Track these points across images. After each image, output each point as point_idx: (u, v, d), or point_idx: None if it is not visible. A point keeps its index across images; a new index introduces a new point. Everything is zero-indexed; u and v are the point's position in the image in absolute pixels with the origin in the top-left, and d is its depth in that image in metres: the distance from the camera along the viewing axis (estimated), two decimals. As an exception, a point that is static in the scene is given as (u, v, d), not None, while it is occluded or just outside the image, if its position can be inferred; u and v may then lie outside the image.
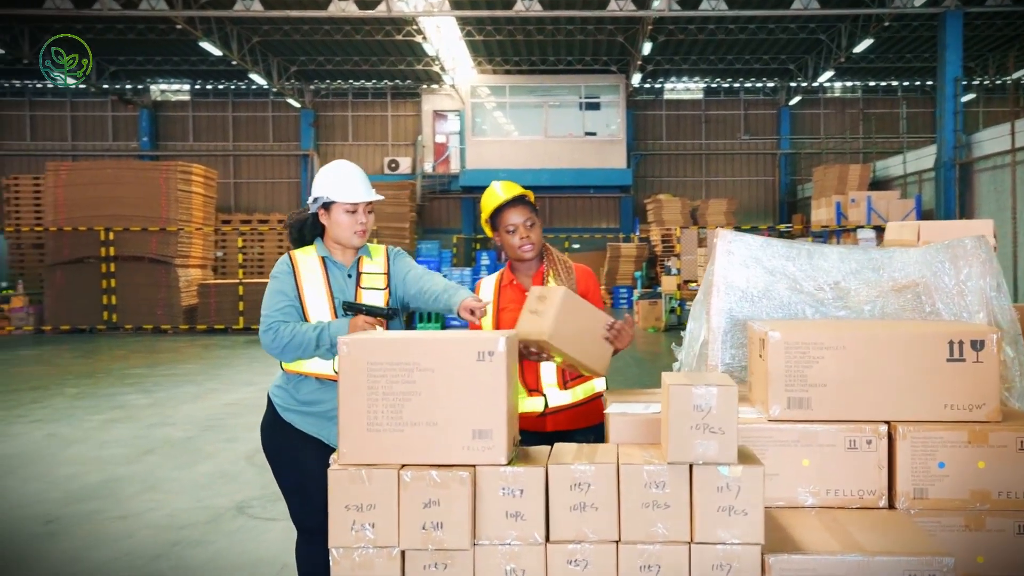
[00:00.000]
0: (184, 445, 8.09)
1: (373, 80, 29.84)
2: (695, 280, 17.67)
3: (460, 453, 2.38)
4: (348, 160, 3.47)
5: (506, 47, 25.90)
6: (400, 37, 23.61)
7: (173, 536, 5.41)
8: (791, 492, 2.69)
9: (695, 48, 25.90)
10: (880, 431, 2.67)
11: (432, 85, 29.73)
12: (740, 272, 3.33)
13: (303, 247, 3.42)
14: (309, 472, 3.22)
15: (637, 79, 27.60)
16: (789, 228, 23.94)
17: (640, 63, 25.41)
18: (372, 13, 20.18)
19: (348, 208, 3.30)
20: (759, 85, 30.23)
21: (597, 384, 3.51)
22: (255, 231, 22.34)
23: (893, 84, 29.91)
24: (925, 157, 21.26)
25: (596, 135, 28.46)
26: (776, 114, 30.46)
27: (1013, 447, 2.63)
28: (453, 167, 29.87)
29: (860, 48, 22.68)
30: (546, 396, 3.42)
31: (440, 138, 30.51)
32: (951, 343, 2.70)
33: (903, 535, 2.43)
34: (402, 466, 2.38)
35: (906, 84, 29.82)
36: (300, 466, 3.28)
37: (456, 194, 29.38)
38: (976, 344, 2.69)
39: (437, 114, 30.31)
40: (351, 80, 29.83)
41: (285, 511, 3.86)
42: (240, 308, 18.96)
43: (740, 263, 3.33)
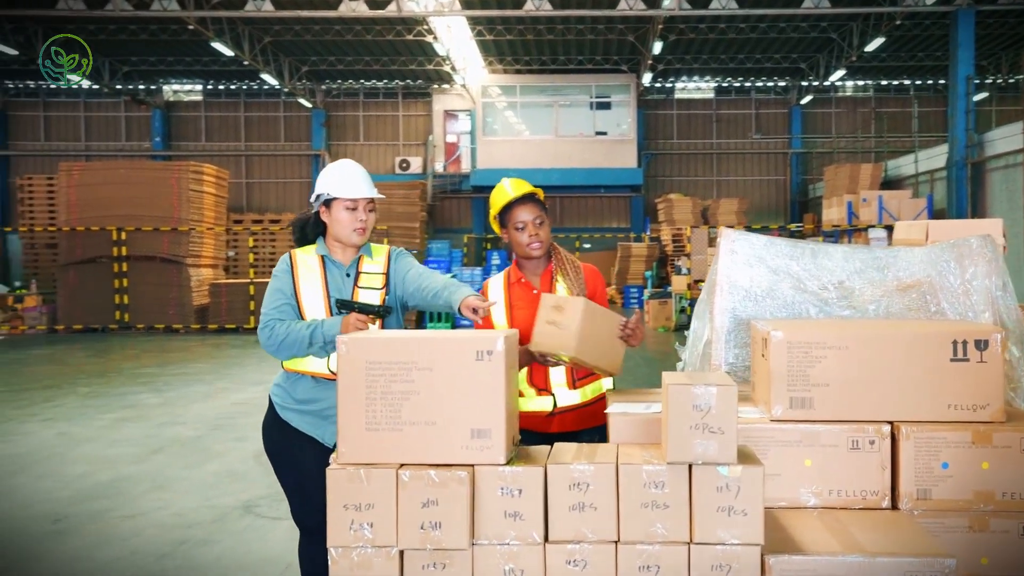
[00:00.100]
0: (193, 444, 8.12)
1: (384, 80, 29.88)
2: (705, 280, 17.61)
3: (459, 453, 2.37)
4: (360, 160, 3.48)
5: (517, 47, 25.88)
6: (411, 37, 23.64)
7: (180, 535, 5.42)
8: (793, 493, 2.67)
9: (706, 47, 25.82)
10: (883, 431, 2.65)
11: (443, 85, 29.74)
12: (744, 271, 3.32)
13: (305, 246, 3.44)
14: (307, 471, 3.22)
15: (648, 78, 27.54)
16: (800, 227, 23.86)
17: (651, 62, 25.35)
18: (382, 13, 20.20)
19: (348, 205, 3.31)
20: (770, 84, 30.12)
21: (605, 383, 3.48)
22: (266, 231, 22.40)
23: (905, 83, 29.75)
24: (937, 156, 21.14)
25: (607, 135, 28.43)
26: (787, 113, 30.34)
27: (1017, 448, 2.61)
28: (464, 167, 29.88)
29: (872, 47, 22.56)
30: (555, 396, 3.39)
31: (451, 138, 30.53)
32: (955, 343, 2.68)
33: (905, 536, 2.42)
34: (401, 465, 2.37)
35: (918, 83, 29.66)
36: (299, 465, 3.28)
37: (467, 194, 29.38)
38: (980, 344, 2.67)
39: (448, 114, 30.33)
40: (362, 80, 29.87)
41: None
42: (251, 308, 19.00)
43: (744, 262, 3.32)
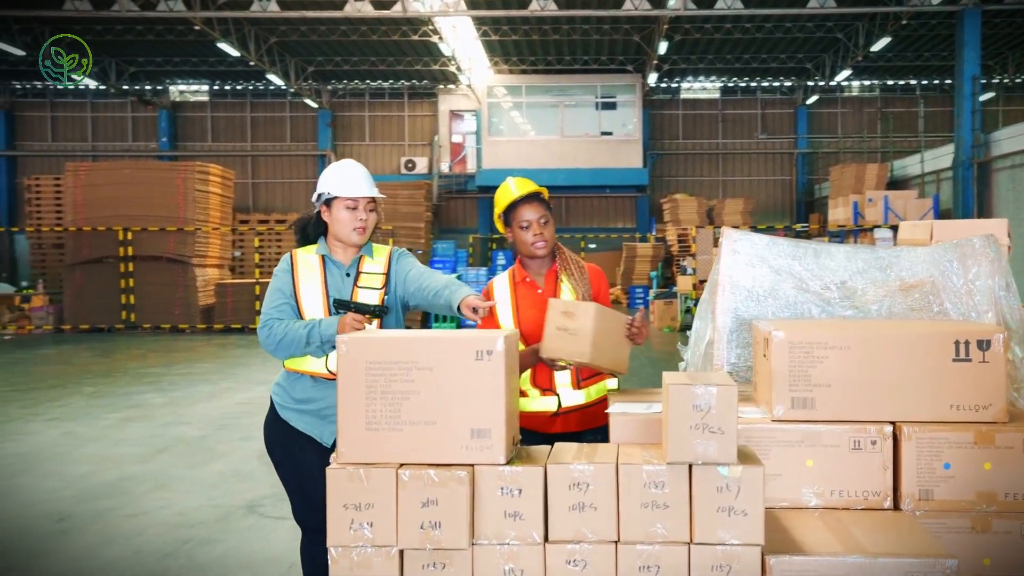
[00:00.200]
0: (198, 444, 8.13)
1: (390, 80, 29.89)
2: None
3: (458, 452, 2.37)
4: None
5: (522, 47, 25.88)
6: (416, 37, 23.65)
7: (183, 534, 5.43)
8: (795, 493, 2.66)
9: (711, 47, 25.78)
10: (885, 431, 2.64)
11: (448, 85, 29.74)
12: (746, 271, 3.31)
13: (307, 246, 3.44)
14: (307, 471, 3.23)
15: (653, 78, 27.51)
16: (806, 228, 23.80)
17: (656, 62, 25.33)
18: (388, 13, 20.22)
19: (348, 204, 3.32)
20: (776, 84, 30.06)
21: (609, 384, 3.47)
22: (272, 231, 22.42)
23: (911, 83, 29.67)
24: (943, 156, 21.08)
25: (612, 135, 28.41)
26: (793, 113, 30.29)
27: (1020, 448, 2.60)
28: (469, 167, 29.89)
29: (878, 47, 22.51)
30: (559, 396, 3.38)
31: (456, 138, 30.54)
32: (957, 343, 2.67)
33: (907, 537, 2.41)
34: (400, 465, 2.37)
35: (924, 83, 29.57)
36: (298, 465, 3.29)
37: (472, 194, 29.37)
38: (982, 344, 2.66)
39: (453, 114, 30.33)
40: (368, 80, 29.88)
41: (293, 510, 3.87)
42: (257, 308, 19.01)
43: (746, 262, 3.31)
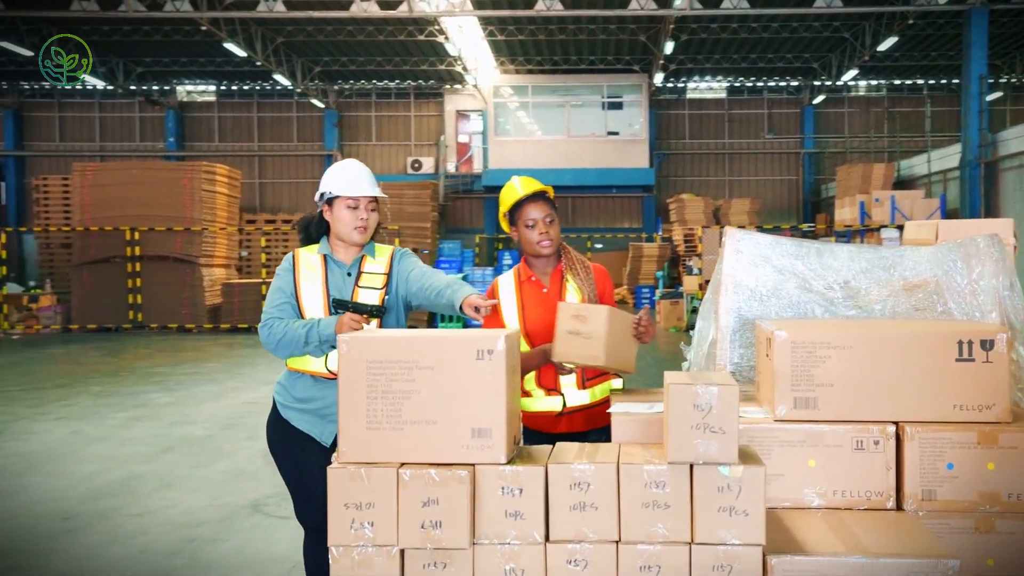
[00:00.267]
0: (203, 443, 8.15)
1: (396, 80, 29.91)
2: (714, 280, 17.57)
3: (459, 452, 2.37)
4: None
5: (528, 47, 25.87)
6: (422, 37, 23.66)
7: (188, 533, 5.45)
8: (797, 493, 2.66)
9: (718, 47, 25.74)
10: (888, 431, 2.64)
11: (455, 85, 29.75)
12: (749, 271, 3.30)
13: (311, 245, 3.45)
14: (307, 470, 3.24)
15: (660, 78, 27.47)
16: (812, 228, 23.73)
17: (662, 62, 25.28)
18: (393, 13, 20.23)
19: (349, 203, 3.32)
20: (783, 84, 30.00)
21: (615, 383, 3.47)
22: (278, 231, 22.46)
23: (918, 82, 29.57)
24: (950, 156, 21.02)
25: (619, 135, 28.38)
26: (800, 113, 30.22)
27: (1023, 448, 2.59)
28: (476, 167, 29.88)
29: (884, 46, 22.44)
30: (564, 396, 3.38)
31: (463, 138, 30.54)
32: (960, 343, 2.66)
33: (909, 537, 2.40)
34: (401, 464, 2.37)
35: (931, 82, 29.48)
36: (299, 464, 3.29)
37: (479, 194, 29.37)
38: (986, 344, 2.65)
39: (460, 114, 30.34)
40: (374, 80, 29.90)
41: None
42: (263, 307, 19.04)
43: (749, 262, 3.30)
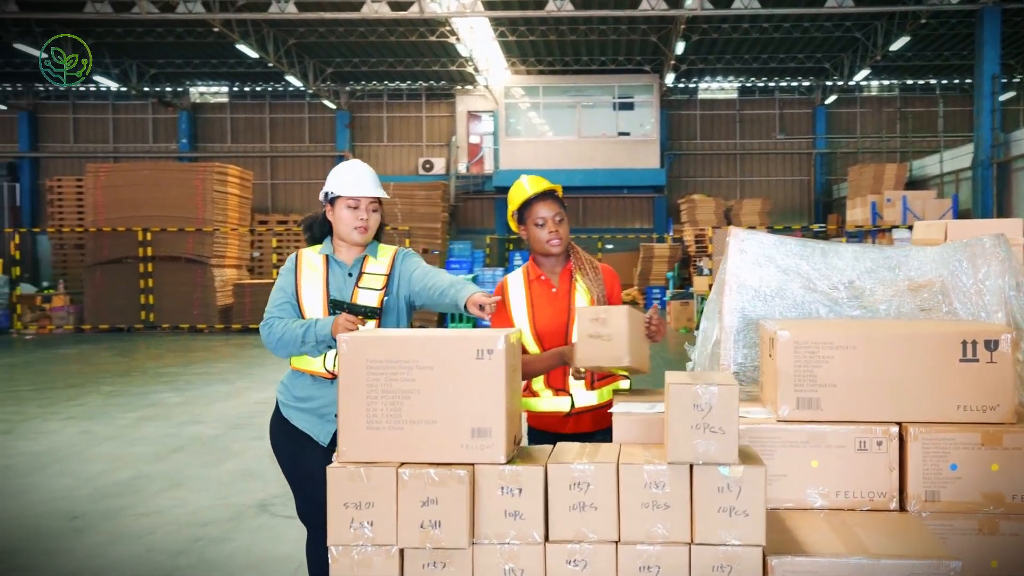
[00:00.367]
0: (212, 443, 8.18)
1: (408, 81, 29.95)
2: (723, 280, 17.50)
3: (459, 451, 2.36)
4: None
5: (539, 47, 25.87)
6: (434, 38, 23.69)
7: (195, 533, 5.46)
8: (800, 494, 2.64)
9: (729, 47, 25.69)
10: (891, 432, 2.62)
11: (466, 86, 29.77)
12: (753, 271, 3.28)
13: (315, 245, 3.46)
14: (308, 470, 3.25)
15: (671, 79, 27.43)
16: (823, 228, 23.65)
17: (674, 62, 25.25)
18: (405, 14, 20.26)
19: (350, 203, 3.33)
20: (794, 84, 29.90)
21: (623, 384, 3.46)
22: (290, 231, 22.53)
23: (931, 82, 29.43)
24: (962, 156, 20.90)
25: (630, 135, 28.35)
26: (812, 113, 30.12)
27: (1028, 449, 2.57)
28: (487, 168, 29.90)
29: (897, 46, 22.34)
30: (573, 396, 3.37)
31: (474, 139, 30.56)
32: (964, 343, 2.64)
33: (912, 538, 2.38)
34: (401, 464, 2.36)
35: (944, 82, 29.34)
36: (300, 463, 3.31)
37: (490, 194, 29.38)
38: (990, 344, 2.63)
39: (471, 115, 30.36)
40: (386, 81, 29.95)
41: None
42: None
43: (753, 262, 3.28)
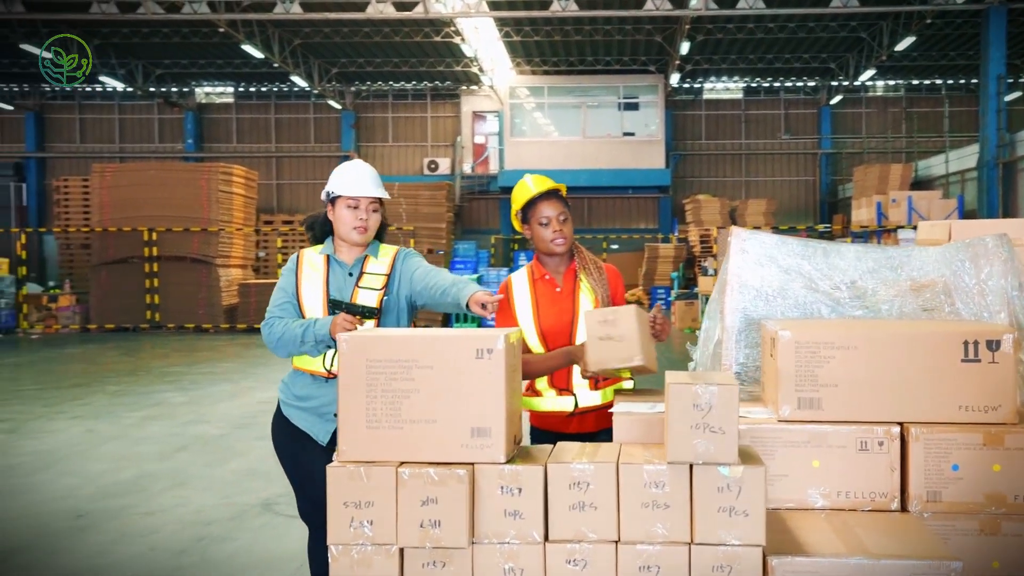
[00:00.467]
0: (217, 442, 8.19)
1: (413, 81, 29.96)
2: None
3: (458, 451, 2.36)
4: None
5: (544, 48, 25.85)
6: (439, 39, 23.69)
7: (198, 532, 5.48)
8: (801, 494, 2.64)
9: (734, 47, 25.64)
10: (892, 432, 2.61)
11: (471, 86, 29.76)
12: (754, 271, 3.27)
13: (317, 245, 3.46)
14: (307, 469, 3.25)
15: (676, 79, 27.39)
16: (829, 228, 23.59)
17: (678, 63, 25.21)
18: (410, 15, 20.27)
19: (350, 203, 3.34)
20: (799, 84, 29.83)
21: (627, 384, 3.46)
22: (295, 232, 22.56)
23: (936, 82, 29.34)
24: (968, 156, 20.85)
25: (635, 135, 28.30)
26: (817, 113, 30.05)
27: (1030, 450, 2.56)
28: (492, 168, 29.87)
29: (902, 46, 22.27)
30: (576, 396, 3.38)
31: (479, 139, 30.55)
32: (966, 343, 2.64)
33: (913, 538, 2.38)
34: (400, 463, 2.36)
35: (950, 82, 29.23)
36: (300, 462, 3.31)
37: (495, 195, 29.36)
38: (992, 344, 2.63)
39: (476, 115, 30.35)
40: (391, 81, 29.96)
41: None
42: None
43: (754, 262, 3.28)
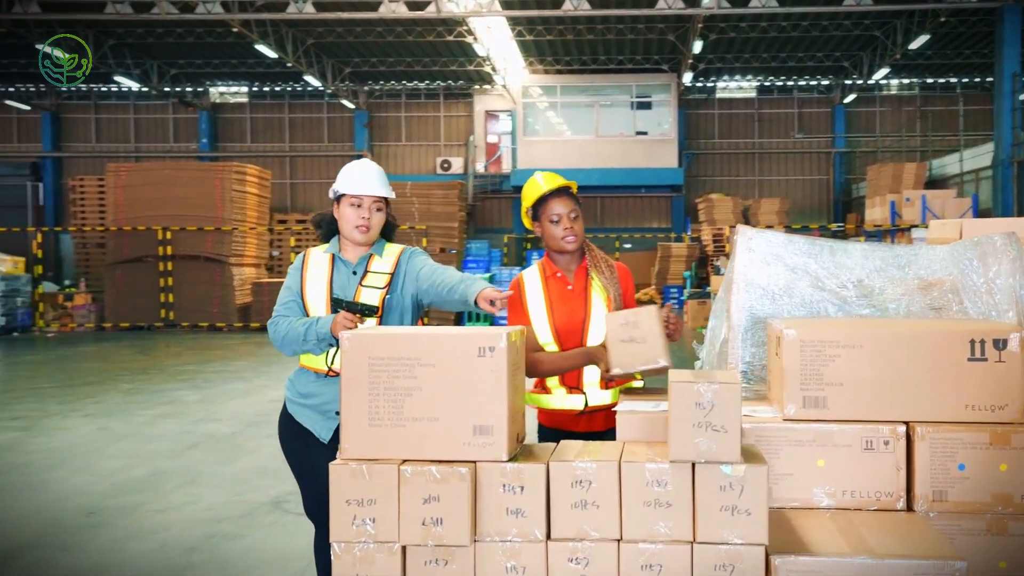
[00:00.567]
0: (228, 440, 8.23)
1: (426, 81, 29.99)
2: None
3: (461, 449, 2.36)
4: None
5: (557, 47, 25.83)
6: (451, 38, 23.71)
7: (208, 529, 5.50)
8: (806, 493, 2.63)
9: (747, 46, 25.56)
10: (898, 431, 2.60)
11: (484, 85, 29.77)
12: (761, 269, 3.26)
13: (323, 244, 3.48)
14: (311, 466, 3.27)
15: (689, 78, 27.31)
16: (842, 227, 23.47)
17: (691, 62, 25.14)
18: (422, 14, 20.29)
19: (353, 201, 3.35)
20: (813, 83, 29.70)
21: (636, 384, 3.45)
22: (308, 231, 22.60)
23: (951, 81, 29.16)
24: (982, 155, 20.71)
25: (647, 134, 28.24)
26: (831, 112, 29.90)
27: (1036, 449, 2.54)
28: (505, 167, 29.86)
29: (916, 44, 22.15)
30: (586, 395, 3.38)
31: (492, 138, 30.54)
32: (972, 342, 2.62)
33: (918, 538, 2.37)
34: (403, 461, 2.36)
35: (964, 81, 29.04)
36: (304, 460, 3.33)
37: (507, 194, 29.34)
38: (998, 343, 2.61)
39: (489, 114, 30.35)
40: (404, 81, 29.99)
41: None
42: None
43: (761, 260, 3.27)
